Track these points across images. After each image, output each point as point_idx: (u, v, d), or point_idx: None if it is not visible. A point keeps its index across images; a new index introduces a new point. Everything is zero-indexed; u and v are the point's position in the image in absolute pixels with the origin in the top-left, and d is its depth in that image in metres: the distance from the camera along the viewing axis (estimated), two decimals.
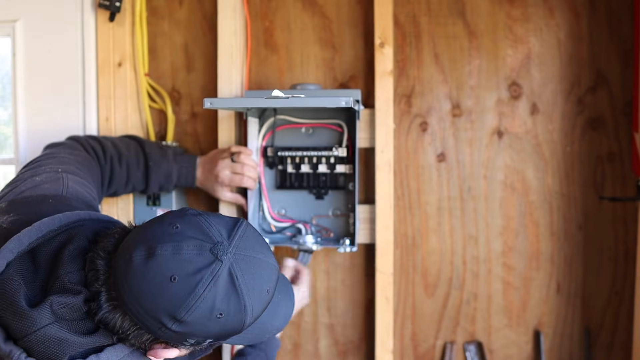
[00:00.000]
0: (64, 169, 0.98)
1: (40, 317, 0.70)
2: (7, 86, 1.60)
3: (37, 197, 0.89)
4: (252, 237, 0.76)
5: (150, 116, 1.43)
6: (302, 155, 1.31)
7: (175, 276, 0.69)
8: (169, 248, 0.70)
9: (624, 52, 1.31)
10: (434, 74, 1.37)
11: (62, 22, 1.41)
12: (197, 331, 0.72)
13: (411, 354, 1.41)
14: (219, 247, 0.71)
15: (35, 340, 0.70)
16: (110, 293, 0.72)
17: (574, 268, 1.35)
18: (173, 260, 0.70)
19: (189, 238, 0.71)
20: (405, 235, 1.39)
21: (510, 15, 1.34)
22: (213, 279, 0.70)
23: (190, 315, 0.70)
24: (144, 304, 0.70)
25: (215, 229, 0.73)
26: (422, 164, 1.38)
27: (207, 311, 0.70)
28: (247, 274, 0.73)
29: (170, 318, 0.70)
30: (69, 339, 0.71)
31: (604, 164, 1.33)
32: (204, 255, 0.70)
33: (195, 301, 0.69)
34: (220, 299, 0.71)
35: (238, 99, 1.30)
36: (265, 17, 1.42)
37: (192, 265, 0.70)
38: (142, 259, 0.70)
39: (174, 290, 0.69)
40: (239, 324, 0.74)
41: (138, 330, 0.73)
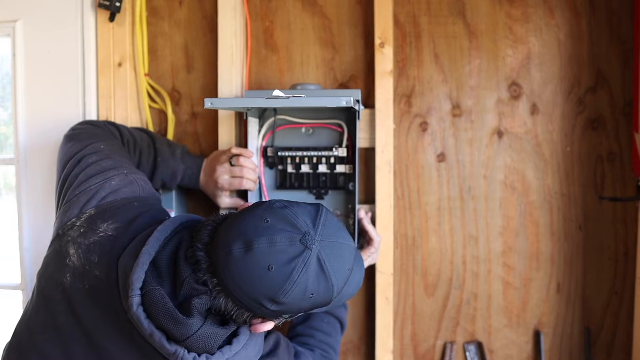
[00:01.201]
0: (128, 170, 1.06)
1: (194, 322, 0.81)
2: (7, 86, 1.60)
3: (122, 202, 0.98)
4: (332, 223, 0.86)
5: (150, 116, 1.43)
6: (302, 155, 1.31)
7: (273, 265, 0.79)
8: (264, 241, 0.80)
9: (624, 52, 1.31)
10: (434, 74, 1.37)
11: (62, 22, 1.41)
12: (291, 309, 0.83)
13: (411, 354, 1.41)
14: (307, 237, 0.81)
15: (195, 340, 0.82)
16: (212, 280, 0.83)
17: (574, 268, 1.35)
18: (269, 252, 0.80)
19: (280, 231, 0.81)
20: (405, 235, 1.39)
21: (510, 15, 1.34)
22: (305, 265, 0.80)
23: (286, 298, 0.80)
24: (245, 290, 0.80)
25: (301, 220, 0.83)
26: (422, 164, 1.38)
27: (301, 293, 0.81)
28: (332, 258, 0.83)
29: (270, 301, 0.81)
30: (218, 332, 0.84)
31: (604, 164, 1.33)
32: (295, 246, 0.81)
33: (291, 286, 0.80)
34: (312, 282, 0.81)
35: (238, 99, 1.30)
36: (265, 17, 1.42)
37: (286, 256, 0.80)
38: (241, 252, 0.80)
39: (272, 277, 0.79)
40: (327, 299, 0.85)
41: (239, 310, 0.84)
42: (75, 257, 0.90)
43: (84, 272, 0.89)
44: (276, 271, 0.79)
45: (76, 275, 0.89)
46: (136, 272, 0.83)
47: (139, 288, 0.82)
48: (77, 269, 0.90)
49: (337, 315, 1.23)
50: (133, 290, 0.82)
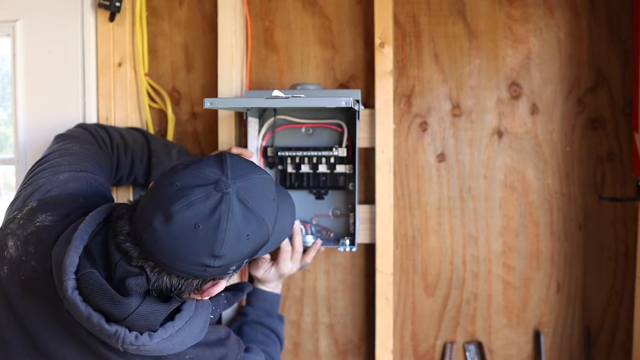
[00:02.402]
0: (82, 168, 1.04)
1: (133, 301, 0.80)
2: (7, 86, 1.60)
3: (67, 196, 0.95)
4: (240, 163, 0.85)
5: (150, 116, 1.43)
6: (302, 155, 1.31)
7: (198, 223, 0.78)
8: (181, 204, 0.78)
9: (624, 52, 1.31)
10: (434, 74, 1.37)
11: (62, 22, 1.41)
12: (235, 258, 0.82)
13: (411, 354, 1.41)
14: (221, 184, 0.80)
15: (136, 318, 0.80)
16: (148, 263, 0.81)
17: (574, 268, 1.35)
18: (190, 213, 0.78)
19: (192, 188, 0.79)
20: (405, 235, 1.39)
21: (510, 15, 1.34)
22: (229, 210, 0.79)
23: (224, 248, 0.79)
24: (183, 259, 0.79)
25: (208, 171, 0.82)
26: (422, 164, 1.38)
27: (236, 238, 0.80)
28: (253, 194, 0.82)
29: (211, 257, 0.79)
30: (158, 309, 0.83)
31: (604, 164, 1.33)
32: (213, 197, 0.79)
33: (223, 235, 0.78)
34: (242, 224, 0.80)
35: (238, 99, 1.30)
36: (265, 17, 1.42)
37: (207, 208, 0.78)
38: (162, 224, 0.78)
39: (202, 235, 0.78)
40: (264, 236, 0.85)
41: (186, 281, 0.83)
42: (13, 249, 0.88)
43: (20, 264, 0.87)
44: (204, 227, 0.78)
45: (13, 267, 0.87)
46: (69, 256, 0.81)
47: (73, 272, 0.80)
48: (14, 260, 0.87)
49: (272, 327, 1.21)
50: (67, 274, 0.80)
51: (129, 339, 0.79)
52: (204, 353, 0.92)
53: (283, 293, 1.44)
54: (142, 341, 0.80)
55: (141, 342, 0.80)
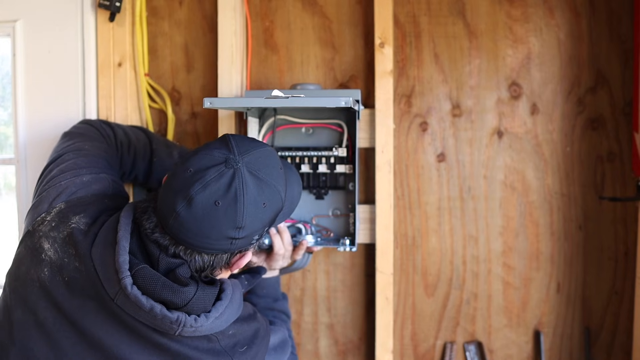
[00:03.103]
0: (101, 169, 1.08)
1: (190, 289, 0.86)
2: (7, 86, 1.60)
3: (93, 197, 1.00)
4: (243, 141, 0.91)
5: (150, 116, 1.43)
6: (302, 155, 1.31)
7: (218, 201, 0.84)
8: (198, 187, 0.84)
9: (624, 52, 1.31)
10: (434, 74, 1.37)
11: (62, 22, 1.41)
12: (256, 227, 0.88)
13: (411, 354, 1.41)
14: (231, 161, 0.86)
15: (195, 303, 0.86)
16: (179, 247, 0.87)
17: (574, 268, 1.35)
18: (208, 193, 0.84)
19: (205, 171, 0.85)
20: (405, 235, 1.39)
21: (510, 15, 1.34)
22: (243, 184, 0.85)
23: (246, 218, 0.85)
24: (210, 236, 0.85)
25: (216, 153, 0.87)
26: (422, 164, 1.38)
27: (255, 207, 0.86)
28: (261, 166, 0.88)
29: (235, 229, 0.85)
30: (210, 291, 0.89)
31: (604, 164, 1.33)
32: (225, 174, 0.85)
33: (243, 207, 0.85)
34: (257, 193, 0.86)
35: (238, 99, 1.30)
36: (265, 17, 1.42)
37: (223, 185, 0.84)
38: (185, 208, 0.84)
39: (223, 210, 0.84)
40: (279, 202, 0.91)
41: (216, 257, 0.90)
42: (51, 251, 0.91)
43: (62, 265, 0.90)
44: (223, 203, 0.84)
45: (54, 268, 0.90)
46: (121, 256, 0.86)
47: (127, 269, 0.85)
48: (54, 262, 0.90)
49: (281, 309, 1.25)
50: (122, 272, 0.84)
51: (189, 322, 0.85)
52: (242, 327, 0.98)
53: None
54: (200, 322, 0.86)
55: (200, 323, 0.86)
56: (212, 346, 0.92)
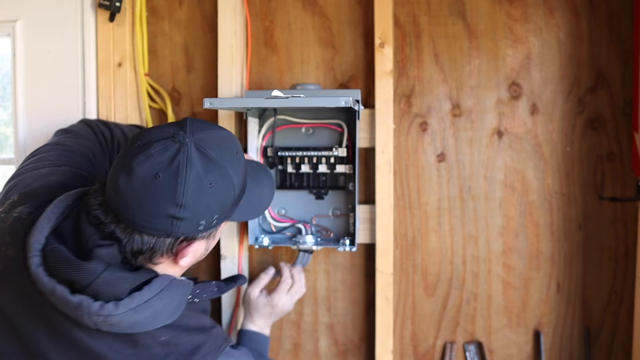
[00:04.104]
0: (66, 162, 1.04)
1: (96, 265, 0.80)
2: (7, 86, 1.60)
3: (46, 189, 0.95)
4: (200, 121, 0.86)
5: (150, 116, 1.43)
6: (302, 155, 1.31)
7: (158, 173, 0.79)
8: (141, 158, 0.80)
9: (624, 52, 1.31)
10: (434, 74, 1.37)
11: (62, 22, 1.41)
12: (201, 209, 0.82)
13: (411, 354, 1.41)
14: (179, 135, 0.81)
15: (100, 284, 0.79)
16: (119, 225, 0.82)
17: (574, 268, 1.35)
18: (149, 164, 0.79)
19: (152, 143, 0.81)
20: (405, 235, 1.39)
21: (510, 15, 1.34)
22: (187, 158, 0.80)
23: (187, 196, 0.79)
24: (147, 210, 0.80)
25: (167, 128, 0.84)
26: (422, 164, 1.38)
27: (198, 185, 0.80)
28: (212, 145, 0.83)
29: (174, 206, 0.79)
30: (125, 276, 0.81)
31: (604, 164, 1.33)
32: (171, 147, 0.80)
33: (184, 182, 0.79)
34: (203, 171, 0.81)
35: (238, 99, 1.30)
36: (265, 17, 1.42)
37: (166, 158, 0.80)
38: (125, 179, 0.80)
39: (162, 183, 0.79)
40: (229, 187, 0.85)
41: (158, 239, 0.83)
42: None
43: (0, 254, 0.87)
44: (164, 176, 0.79)
45: None
46: (34, 236, 0.81)
47: (38, 249, 0.81)
48: None
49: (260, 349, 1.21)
50: (32, 251, 0.80)
51: (93, 308, 0.77)
52: (180, 337, 0.89)
53: None
54: (107, 310, 0.78)
55: (107, 311, 0.78)
56: (136, 352, 0.84)
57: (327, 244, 1.30)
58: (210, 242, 0.92)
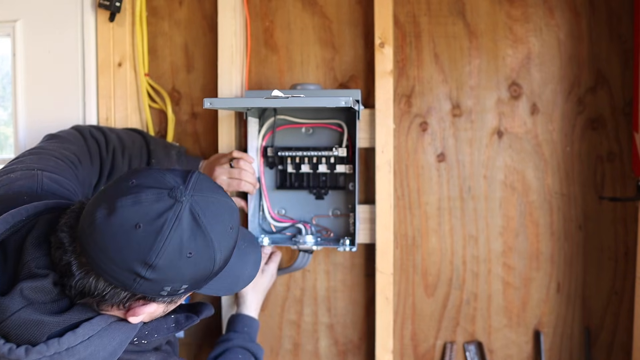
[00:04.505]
0: (40, 166, 0.97)
1: (12, 302, 0.71)
2: (7, 86, 1.60)
3: (11, 195, 0.88)
4: (206, 181, 0.79)
5: (150, 116, 1.43)
6: (302, 155, 1.31)
7: (140, 223, 0.71)
8: (128, 200, 0.72)
9: (624, 52, 1.31)
10: (434, 74, 1.37)
11: (62, 22, 1.41)
12: (171, 276, 0.73)
13: (411, 354, 1.41)
14: (177, 191, 0.73)
15: (11, 325, 0.71)
16: (80, 259, 0.74)
17: (574, 268, 1.35)
18: (134, 210, 0.71)
19: (146, 188, 0.73)
20: (405, 235, 1.39)
21: (510, 15, 1.34)
22: (177, 219, 0.72)
23: (160, 259, 0.71)
24: (114, 258, 0.71)
25: (169, 177, 0.76)
26: (422, 164, 1.38)
27: (177, 251, 0.72)
28: (208, 212, 0.75)
29: (142, 265, 0.71)
30: (44, 320, 0.72)
31: (604, 164, 1.33)
32: (164, 200, 0.72)
33: (163, 243, 0.71)
34: (187, 237, 0.72)
35: (238, 99, 1.30)
36: (265, 17, 1.42)
37: (154, 211, 0.71)
38: (103, 216, 0.71)
39: (140, 236, 0.70)
40: (209, 262, 0.76)
41: (114, 289, 0.74)
42: None
43: None
44: (144, 228, 0.70)
45: None
46: None
47: None
48: None
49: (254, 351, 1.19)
50: None
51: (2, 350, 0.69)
52: None
53: (283, 293, 1.44)
54: (16, 355, 0.69)
55: (16, 356, 0.69)
56: None
57: (327, 244, 1.30)
58: (171, 306, 0.84)
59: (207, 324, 1.47)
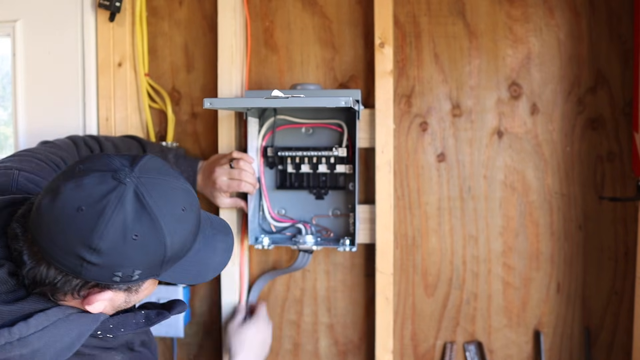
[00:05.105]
0: (20, 166, 0.97)
1: None
2: (7, 86, 1.60)
3: None
4: (156, 163, 0.77)
5: (150, 116, 1.43)
6: (302, 155, 1.31)
7: (82, 206, 0.70)
8: (71, 184, 0.71)
9: (624, 52, 1.31)
10: (434, 74, 1.37)
11: (62, 22, 1.41)
12: (118, 260, 0.72)
13: (411, 354, 1.41)
14: (121, 173, 0.72)
15: None
16: (32, 248, 0.74)
17: (574, 268, 1.35)
18: (77, 193, 0.70)
19: (90, 172, 0.72)
20: (405, 235, 1.39)
21: (510, 15, 1.34)
22: (119, 201, 0.70)
23: (104, 242, 0.70)
24: (58, 242, 0.71)
25: (117, 160, 0.74)
26: (422, 164, 1.38)
27: (120, 233, 0.70)
28: (154, 194, 0.73)
29: (86, 248, 0.70)
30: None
31: (604, 164, 1.33)
32: (107, 182, 0.71)
33: (105, 225, 0.69)
34: (131, 219, 0.71)
35: (238, 99, 1.30)
36: (265, 17, 1.42)
37: (97, 193, 0.70)
38: (48, 202, 0.71)
39: (82, 219, 0.69)
40: (159, 246, 0.73)
41: (65, 277, 0.73)
42: None
43: None
44: (86, 211, 0.69)
45: None
46: None
47: None
48: None
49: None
50: None
51: None
52: None
53: (283, 293, 1.44)
54: None
55: None
56: None
57: (327, 244, 1.30)
58: (133, 296, 0.81)
59: (207, 324, 1.47)
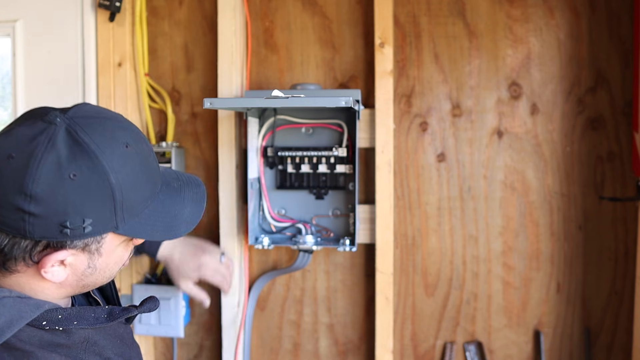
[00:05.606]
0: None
1: None
2: (7, 86, 1.60)
3: None
4: (95, 108, 0.72)
5: (150, 116, 1.43)
6: (302, 155, 1.31)
7: (12, 153, 0.65)
8: (2, 137, 0.67)
9: (624, 52, 1.31)
10: (434, 74, 1.37)
11: (62, 22, 1.41)
12: (61, 206, 0.65)
13: (411, 354, 1.41)
14: (51, 115, 0.67)
15: None
16: None
17: (574, 268, 1.35)
18: (7, 142, 0.66)
19: (24, 119, 0.69)
20: (405, 235, 1.39)
21: (510, 15, 1.34)
22: (50, 140, 0.65)
23: (38, 185, 0.64)
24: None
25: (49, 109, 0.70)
26: (422, 164, 1.38)
27: (55, 173, 0.64)
28: (89, 129, 0.67)
29: (22, 196, 0.64)
30: None
31: (604, 164, 1.33)
32: (37, 126, 0.67)
33: (36, 166, 0.64)
34: (65, 157, 0.65)
35: (238, 99, 1.30)
36: (265, 17, 1.42)
37: (26, 137, 0.66)
38: None
39: (13, 165, 0.65)
40: (103, 185, 0.67)
41: (12, 240, 0.67)
42: None
43: None
44: (16, 157, 0.64)
45: None
46: None
47: None
48: None
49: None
50: None
51: None
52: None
53: (283, 293, 1.44)
54: None
55: None
56: None
57: (327, 244, 1.30)
58: (96, 258, 0.73)
59: (207, 324, 1.47)
